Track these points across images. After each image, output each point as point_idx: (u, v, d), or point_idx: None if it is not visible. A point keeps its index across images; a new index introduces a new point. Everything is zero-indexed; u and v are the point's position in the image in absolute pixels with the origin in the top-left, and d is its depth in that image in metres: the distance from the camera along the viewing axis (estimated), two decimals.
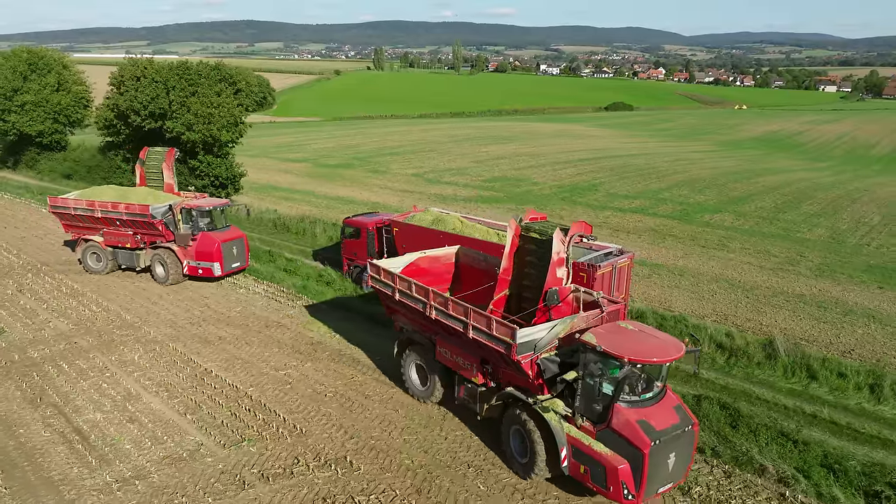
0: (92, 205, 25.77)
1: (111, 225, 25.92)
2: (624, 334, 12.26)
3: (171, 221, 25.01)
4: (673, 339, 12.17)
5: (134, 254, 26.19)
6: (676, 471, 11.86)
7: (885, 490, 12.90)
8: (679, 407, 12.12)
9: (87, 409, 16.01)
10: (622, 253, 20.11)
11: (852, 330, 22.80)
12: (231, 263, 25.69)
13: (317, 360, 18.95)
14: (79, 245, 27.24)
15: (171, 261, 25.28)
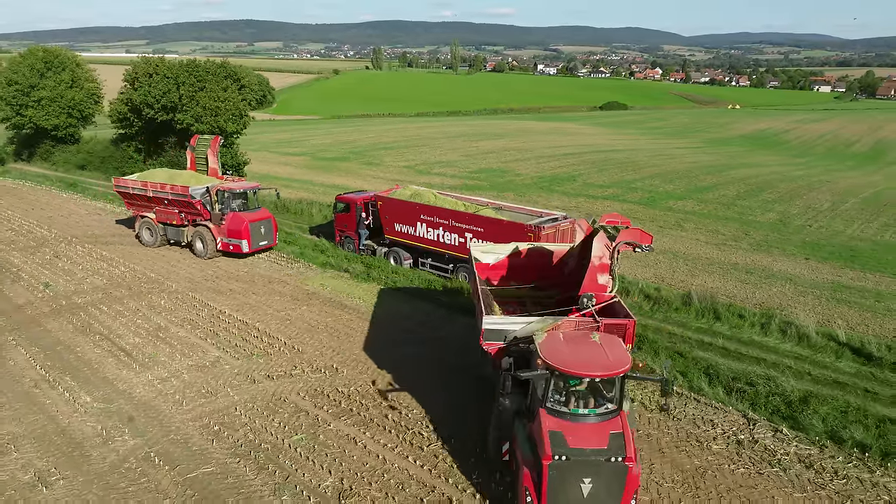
0: (145, 185, 29.17)
1: (161, 204, 29.10)
2: (576, 343, 12.06)
3: (209, 202, 27.85)
4: (621, 361, 11.37)
5: (179, 230, 29.30)
6: (598, 503, 10.91)
7: (742, 386, 16.94)
8: (618, 436, 10.93)
9: (127, 336, 20.05)
10: (566, 219, 24.19)
11: (768, 288, 26.84)
12: (259, 241, 28.28)
13: (311, 305, 23.01)
14: (136, 221, 30.97)
15: (208, 237, 28.15)
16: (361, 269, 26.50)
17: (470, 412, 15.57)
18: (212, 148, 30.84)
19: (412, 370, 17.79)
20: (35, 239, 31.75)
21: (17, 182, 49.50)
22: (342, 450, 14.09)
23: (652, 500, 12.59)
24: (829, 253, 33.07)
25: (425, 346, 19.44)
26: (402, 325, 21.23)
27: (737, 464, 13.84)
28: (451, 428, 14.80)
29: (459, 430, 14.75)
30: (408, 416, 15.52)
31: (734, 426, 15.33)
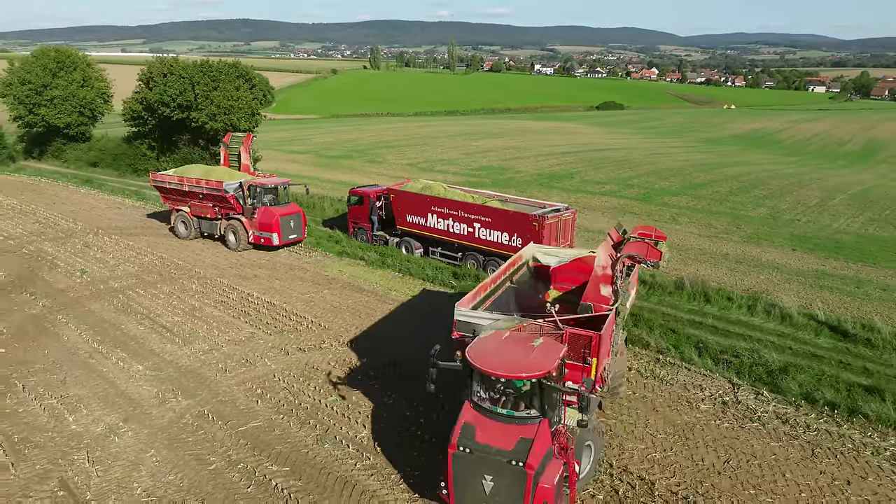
0: (181, 180, 30.50)
1: (195, 198, 30.43)
2: (509, 344, 11.98)
3: (241, 196, 29.22)
4: (535, 367, 11.14)
5: (213, 223, 30.79)
6: (494, 502, 10.97)
7: (728, 358, 18.81)
8: (526, 442, 10.82)
9: (166, 316, 21.83)
10: (567, 209, 26.05)
11: (756, 276, 28.71)
12: (288, 235, 29.57)
13: (332, 289, 24.82)
14: (172, 214, 32.44)
15: (241, 230, 29.53)
16: (376, 257, 28.33)
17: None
18: (244, 145, 32.24)
19: (427, 345, 19.56)
20: (62, 231, 33.45)
21: (34, 178, 51.14)
22: (372, 409, 15.89)
23: (647, 447, 14.41)
24: (814, 245, 34.98)
25: (440, 325, 21.22)
26: (417, 306, 23.05)
27: (721, 420, 15.70)
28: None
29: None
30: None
31: (720, 390, 17.19)
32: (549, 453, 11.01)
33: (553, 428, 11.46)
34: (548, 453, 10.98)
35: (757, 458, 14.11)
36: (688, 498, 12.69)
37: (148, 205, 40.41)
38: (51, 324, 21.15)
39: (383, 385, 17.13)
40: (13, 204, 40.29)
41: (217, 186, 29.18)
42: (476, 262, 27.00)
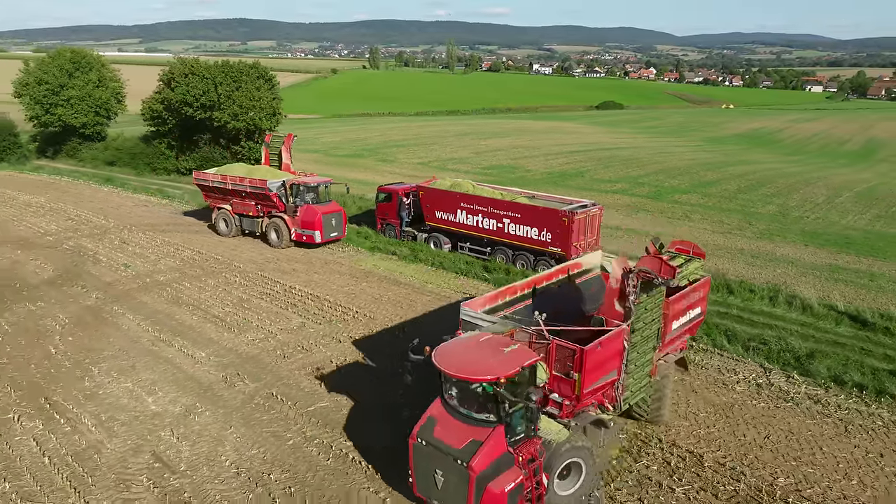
0: (225, 179, 31.14)
1: (238, 196, 31.18)
2: (480, 347, 11.91)
3: (284, 195, 29.90)
4: (487, 371, 10.99)
5: (255, 220, 31.36)
6: (445, 496, 11.37)
7: (756, 345, 19.89)
8: (475, 444, 11.03)
9: (216, 307, 22.84)
10: (594, 206, 27.11)
11: (773, 270, 29.81)
12: (330, 233, 30.21)
13: (370, 282, 25.85)
14: (213, 212, 33.17)
15: (283, 228, 30.23)
16: (408, 252, 29.36)
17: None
18: (285, 145, 32.98)
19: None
20: (96, 227, 34.40)
21: (54, 177, 52.02)
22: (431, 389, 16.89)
23: (691, 424, 15.47)
24: (825, 240, 36.08)
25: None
26: (454, 297, 24.05)
27: (757, 400, 16.76)
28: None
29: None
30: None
31: (753, 374, 18.26)
32: (504, 460, 11.07)
33: (518, 437, 11.48)
34: (502, 460, 11.04)
35: (794, 433, 15.17)
36: (735, 469, 13.73)
37: (174, 203, 41.38)
38: (108, 314, 22.13)
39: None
40: (40, 202, 41.21)
41: (261, 185, 29.83)
42: (505, 257, 28.03)
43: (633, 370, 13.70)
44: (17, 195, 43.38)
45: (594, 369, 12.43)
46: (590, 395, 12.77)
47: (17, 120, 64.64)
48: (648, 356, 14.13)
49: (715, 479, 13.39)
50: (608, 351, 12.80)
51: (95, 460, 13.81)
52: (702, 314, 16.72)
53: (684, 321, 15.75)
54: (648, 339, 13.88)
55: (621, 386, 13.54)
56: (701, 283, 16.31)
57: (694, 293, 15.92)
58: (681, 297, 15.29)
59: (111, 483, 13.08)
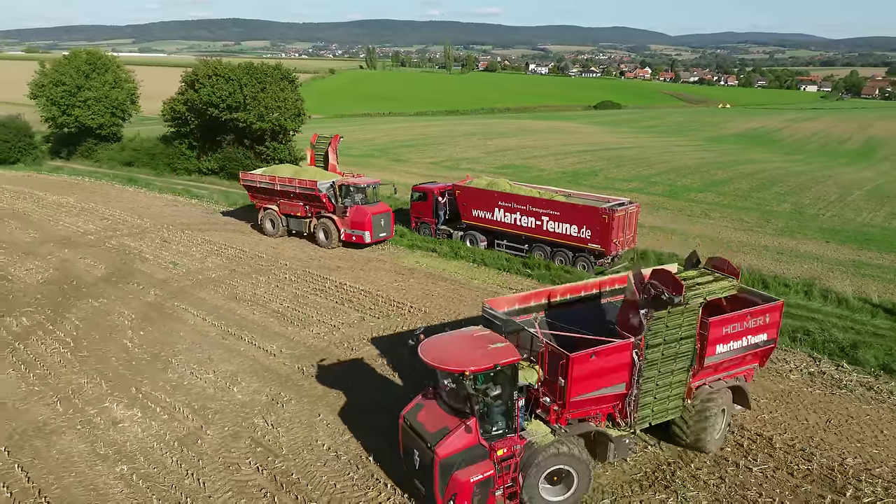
0: (273, 179, 31.44)
1: (286, 197, 31.46)
2: (468, 342, 12.38)
3: (333, 195, 30.30)
4: (460, 363, 11.39)
5: (302, 221, 31.70)
6: (422, 476, 12.05)
7: (801, 336, 20.80)
8: (443, 431, 11.71)
9: (273, 303, 23.56)
10: (631, 203, 27.95)
11: (800, 265, 30.72)
12: (379, 233, 30.49)
13: (416, 278, 26.61)
14: (260, 212, 33.36)
15: (332, 228, 30.51)
16: (448, 250, 30.15)
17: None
18: (332, 146, 33.53)
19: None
20: (134, 227, 35.01)
21: (75, 178, 52.49)
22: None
23: (755, 409, 16.29)
24: (845, 237, 37.05)
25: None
26: (500, 292, 24.81)
27: (812, 387, 17.64)
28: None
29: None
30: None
31: (803, 363, 19.14)
32: (477, 452, 11.57)
33: (495, 432, 11.91)
34: (474, 451, 11.55)
35: (853, 418, 16.04)
36: (804, 450, 14.58)
37: (203, 202, 41.96)
38: (170, 310, 22.82)
39: None
40: (70, 202, 41.76)
41: (311, 186, 30.15)
42: (543, 253, 28.81)
43: (654, 389, 13.31)
44: (45, 195, 43.91)
45: (584, 378, 12.33)
46: (582, 404, 12.68)
47: (30, 121, 65.11)
48: (678, 377, 13.55)
49: (787, 460, 14.22)
50: (607, 362, 12.56)
51: (200, 445, 14.54)
52: (771, 342, 14.94)
53: (737, 347, 14.32)
54: (676, 358, 13.28)
55: (634, 402, 13.17)
56: (765, 307, 14.66)
57: (752, 317, 14.36)
58: (728, 320, 14.02)
59: (220, 466, 13.81)
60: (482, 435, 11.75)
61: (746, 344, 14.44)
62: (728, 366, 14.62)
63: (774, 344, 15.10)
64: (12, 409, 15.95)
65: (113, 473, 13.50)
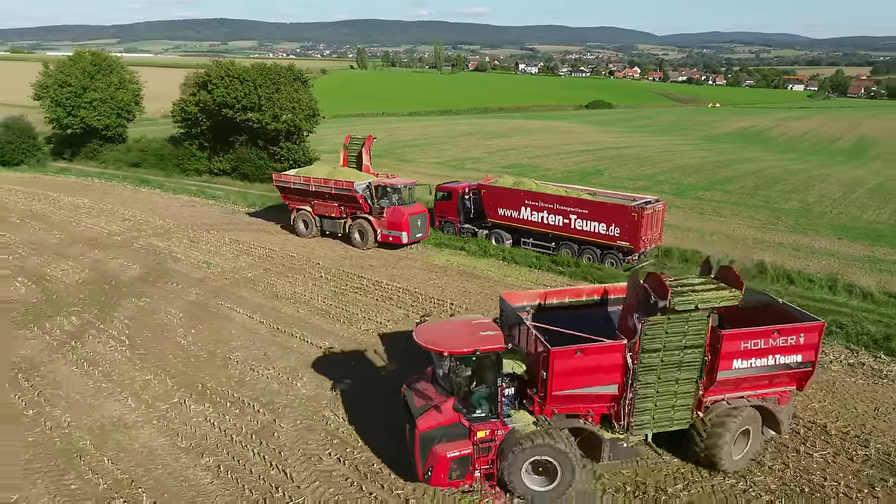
0: (308, 180, 31.56)
1: (321, 197, 31.57)
2: (464, 327, 13.55)
3: (369, 196, 30.55)
4: (440, 345, 12.45)
5: (337, 222, 31.81)
6: (411, 449, 13.10)
7: (834, 329, 21.51)
8: (425, 408, 12.88)
9: (315, 300, 23.97)
10: (657, 201, 28.58)
11: (817, 261, 31.46)
12: (415, 233, 30.71)
13: (450, 276, 27.10)
14: (293, 213, 33.38)
15: (369, 229, 30.61)
16: (476, 248, 30.64)
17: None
18: (365, 146, 33.76)
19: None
20: (157, 228, 35.24)
21: (85, 179, 52.54)
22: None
23: (804, 399, 16.92)
24: (856, 234, 37.89)
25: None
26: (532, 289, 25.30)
27: (854, 377, 18.32)
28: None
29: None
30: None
31: (842, 354, 19.84)
32: (457, 431, 12.45)
33: (478, 415, 12.69)
34: (454, 430, 12.42)
35: None
36: (859, 436, 15.22)
37: (221, 203, 42.18)
38: (214, 308, 23.18)
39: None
40: (87, 203, 41.87)
41: (347, 186, 30.24)
42: (570, 251, 29.36)
43: (654, 395, 13.15)
44: (59, 197, 43.99)
45: (567, 374, 12.47)
46: (567, 399, 12.83)
47: (34, 122, 64.91)
48: (684, 387, 13.25)
49: (844, 446, 14.86)
50: (595, 361, 12.62)
51: (277, 438, 14.96)
52: (807, 364, 13.74)
53: (760, 365, 13.45)
54: (680, 367, 13.04)
55: (628, 405, 13.07)
56: (798, 325, 13.59)
57: (781, 335, 13.37)
58: (747, 335, 13.24)
59: (301, 457, 14.24)
60: (466, 414, 12.61)
61: (774, 363, 13.50)
62: (752, 384, 13.75)
63: (812, 368, 13.81)
64: (85, 406, 16.29)
65: (199, 465, 13.89)
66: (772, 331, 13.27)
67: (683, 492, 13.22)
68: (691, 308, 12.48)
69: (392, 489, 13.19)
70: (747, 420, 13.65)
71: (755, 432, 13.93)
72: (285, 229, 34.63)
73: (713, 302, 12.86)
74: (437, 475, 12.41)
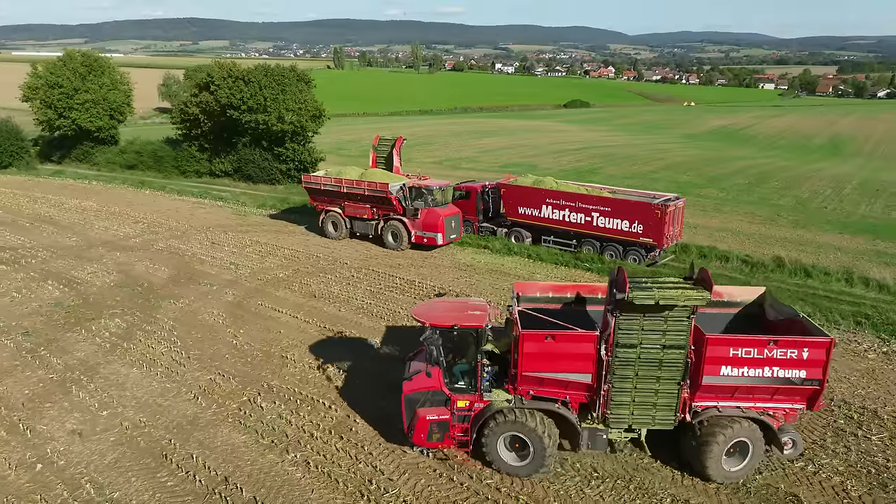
0: (339, 182, 31.49)
1: (352, 199, 31.53)
2: (458, 305, 15.24)
3: (403, 198, 30.60)
4: (428, 318, 13.89)
5: (369, 223, 31.81)
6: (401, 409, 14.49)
7: (861, 319, 22.38)
8: (416, 374, 14.56)
9: (354, 300, 24.25)
10: (678, 198, 29.35)
11: (825, 255, 32.51)
12: (450, 235, 30.69)
13: (480, 274, 27.56)
14: (321, 215, 33.28)
15: (403, 231, 30.64)
16: (500, 246, 31.12)
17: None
18: (396, 147, 33.84)
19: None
20: (174, 230, 35.15)
21: (82, 182, 52.01)
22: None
23: (848, 386, 17.71)
24: (855, 228, 39.18)
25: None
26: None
27: (892, 364, 19.20)
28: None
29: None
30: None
31: (874, 344, 20.71)
32: (439, 397, 13.84)
33: (459, 387, 13.96)
34: (436, 396, 13.84)
35: None
36: None
37: (230, 205, 42.11)
38: (255, 308, 23.37)
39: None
40: (93, 206, 41.52)
41: (381, 188, 30.16)
42: (592, 248, 30.00)
43: (631, 391, 13.19)
44: (62, 200, 43.58)
45: (536, 357, 13.04)
46: (539, 382, 13.35)
47: (22, 123, 63.89)
48: (666, 387, 13.08)
49: None
50: (566, 348, 12.99)
51: (355, 433, 15.30)
52: (814, 382, 12.88)
53: (755, 375, 12.89)
54: (661, 366, 12.93)
55: (603, 397, 13.24)
56: (801, 339, 12.84)
57: (779, 348, 12.69)
58: (736, 343, 12.84)
59: (384, 450, 14.61)
60: (446, 385, 13.94)
61: (773, 376, 12.83)
62: (750, 396, 13.17)
63: (820, 387, 12.87)
64: (156, 406, 16.44)
65: (286, 461, 14.16)
66: (767, 341, 12.67)
67: (758, 475, 13.82)
68: (651, 303, 12.22)
69: (481, 479, 13.61)
70: (742, 432, 13.15)
71: (755, 447, 13.28)
72: (309, 231, 34.77)
73: (677, 300, 12.36)
74: (418, 434, 13.94)
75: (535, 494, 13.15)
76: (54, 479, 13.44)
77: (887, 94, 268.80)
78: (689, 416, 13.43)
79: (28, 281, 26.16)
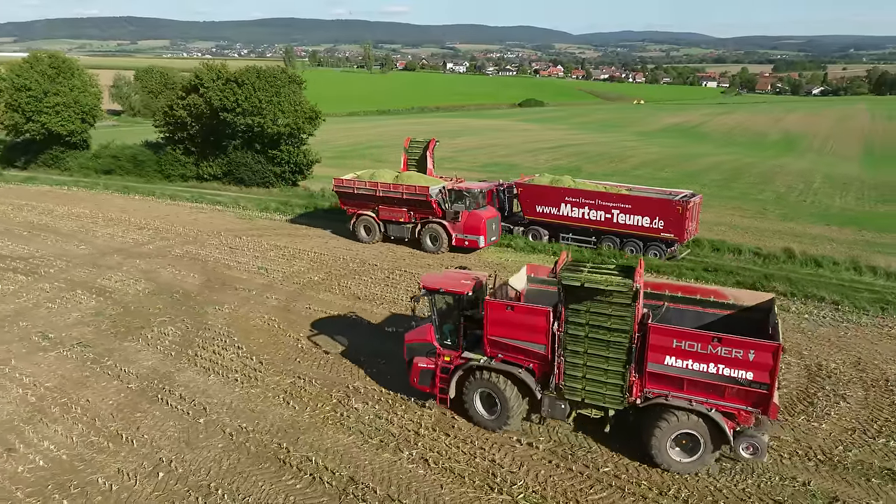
0: (374, 185, 31.04)
1: (387, 203, 31.18)
2: (455, 273, 17.26)
3: (443, 200, 30.37)
4: (426, 285, 16.21)
5: (405, 227, 31.50)
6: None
7: (884, 305, 23.85)
8: (413, 327, 17.90)
9: (401, 300, 24.48)
10: (694, 195, 30.54)
11: (822, 246, 34.32)
12: (490, 237, 30.70)
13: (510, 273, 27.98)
14: (353, 218, 32.70)
15: (443, 234, 30.36)
16: (523, 244, 31.76)
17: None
18: (429, 150, 33.72)
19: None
20: (184, 235, 34.58)
21: (61, 188, 50.05)
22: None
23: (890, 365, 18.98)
24: (839, 220, 41.40)
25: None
26: None
27: None
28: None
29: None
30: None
31: None
32: (429, 348, 16.30)
33: (447, 343, 16.13)
34: (428, 347, 16.33)
35: None
36: None
37: (230, 209, 41.58)
38: (303, 311, 23.42)
39: None
40: (87, 213, 40.43)
41: (420, 191, 29.87)
42: (612, 244, 30.93)
43: (582, 366, 14.12)
44: (52, 207, 42.18)
45: (499, 324, 14.82)
46: (504, 347, 14.97)
47: None
48: (614, 367, 13.83)
49: None
50: (522, 320, 14.51)
51: (459, 430, 15.65)
52: (760, 385, 12.80)
53: (699, 370, 13.19)
54: (609, 347, 13.70)
55: (558, 369, 14.37)
56: (746, 340, 12.85)
57: (722, 346, 12.92)
58: (678, 334, 13.38)
59: (494, 444, 14.99)
60: (437, 339, 16.25)
61: (717, 373, 13.05)
62: (700, 390, 13.39)
63: (769, 391, 12.72)
64: (250, 412, 16.43)
65: (403, 459, 14.42)
66: (711, 337, 13.00)
67: (848, 453, 14.80)
68: (575, 284, 13.29)
69: (597, 467, 14.19)
70: (687, 424, 13.47)
71: (705, 442, 13.46)
72: (325, 233, 34.87)
73: (599, 283, 13.16)
74: (412, 377, 16.66)
75: (653, 479, 13.79)
76: (181, 486, 13.40)
77: (821, 92, 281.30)
78: (640, 401, 14.01)
79: (57, 291, 25.48)
